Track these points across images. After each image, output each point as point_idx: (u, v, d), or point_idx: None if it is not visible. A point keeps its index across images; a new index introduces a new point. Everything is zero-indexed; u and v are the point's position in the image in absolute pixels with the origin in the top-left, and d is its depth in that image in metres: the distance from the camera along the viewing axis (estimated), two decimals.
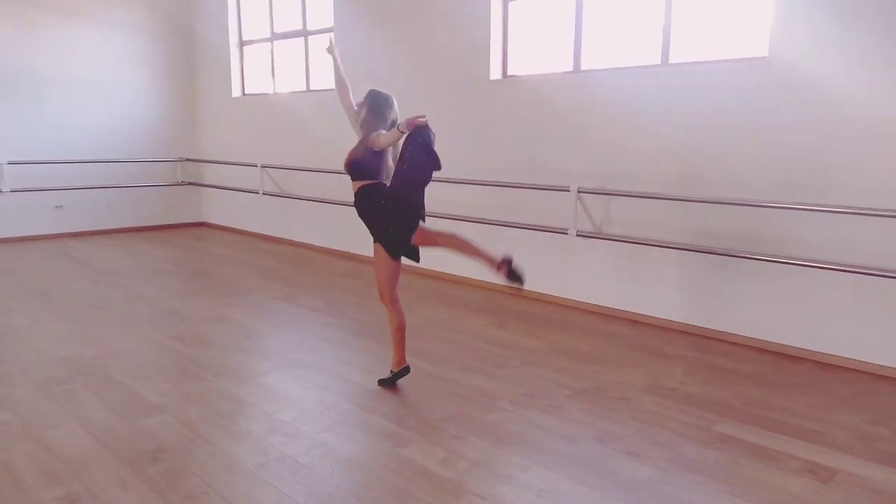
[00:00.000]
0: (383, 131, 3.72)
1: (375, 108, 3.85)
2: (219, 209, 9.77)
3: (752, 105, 4.41)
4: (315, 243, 7.97)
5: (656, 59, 4.95)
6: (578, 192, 5.18)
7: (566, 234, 5.31)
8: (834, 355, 4.20)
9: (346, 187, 7.41)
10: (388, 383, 3.80)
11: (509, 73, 5.94)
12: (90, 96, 8.85)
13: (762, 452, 3.05)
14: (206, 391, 3.73)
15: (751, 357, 4.34)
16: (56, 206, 8.78)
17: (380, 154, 3.75)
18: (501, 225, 5.86)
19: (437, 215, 6.31)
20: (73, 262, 7.22)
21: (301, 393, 3.71)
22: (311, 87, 8.03)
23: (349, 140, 7.50)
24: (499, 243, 5.85)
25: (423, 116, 3.62)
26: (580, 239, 5.32)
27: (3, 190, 8.24)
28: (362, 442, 3.17)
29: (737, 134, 4.49)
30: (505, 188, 5.80)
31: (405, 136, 3.62)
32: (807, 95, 4.17)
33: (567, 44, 5.45)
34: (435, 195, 6.42)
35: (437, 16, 6.25)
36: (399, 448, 3.05)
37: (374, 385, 3.80)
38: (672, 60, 4.88)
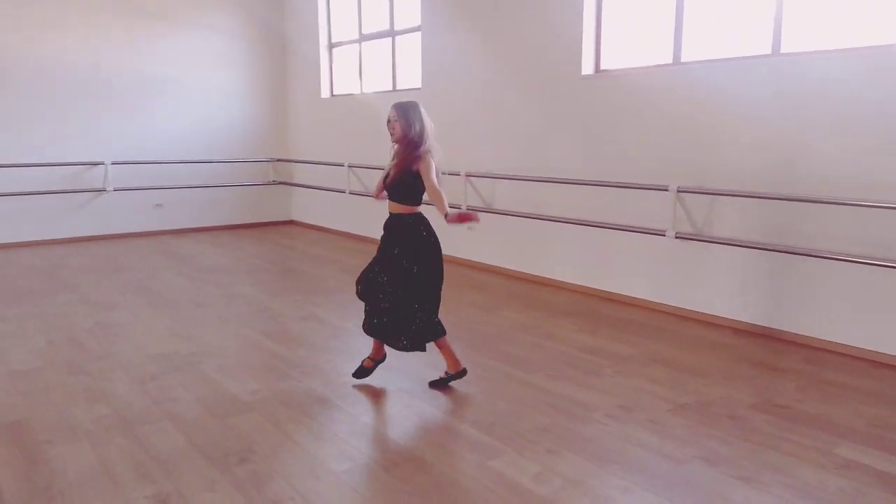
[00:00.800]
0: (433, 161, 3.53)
1: (411, 117, 3.67)
2: (307, 208, 9.95)
3: (874, 97, 4.00)
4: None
5: (766, 49, 4.59)
6: (678, 191, 4.87)
7: (664, 235, 5.02)
8: None
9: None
10: (441, 384, 3.71)
11: (602, 67, 5.69)
12: (188, 99, 9.19)
13: (891, 481, 2.73)
14: (294, 391, 3.71)
15: (867, 372, 3.94)
16: (156, 205, 9.17)
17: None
18: (595, 226, 5.62)
19: (526, 215, 6.15)
20: (173, 259, 7.49)
21: (387, 396, 3.64)
22: (398, 87, 8.01)
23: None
24: (594, 246, 5.68)
25: (477, 220, 3.39)
26: (679, 241, 5.01)
27: (108, 189, 8.67)
28: (451, 451, 3.05)
29: (858, 129, 4.09)
30: (598, 187, 5.56)
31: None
32: None
33: (666, 34, 5.15)
34: (525, 196, 6.30)
35: (526, 11, 6.07)
36: (489, 460, 2.91)
37: (464, 389, 3.68)
38: (784, 50, 4.51)
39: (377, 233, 3.94)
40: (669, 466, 2.86)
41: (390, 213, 3.74)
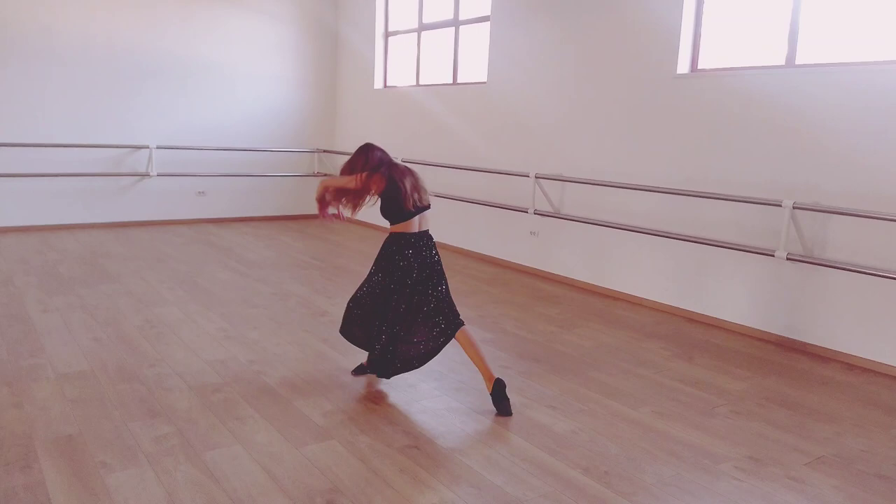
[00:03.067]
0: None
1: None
2: None
3: None
4: (454, 244, 7.54)
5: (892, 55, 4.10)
6: (794, 207, 4.39)
7: (772, 255, 4.54)
8: None
9: (486, 186, 6.98)
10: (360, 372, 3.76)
11: (700, 66, 5.22)
12: (236, 85, 8.84)
13: None
14: (370, 414, 3.31)
15: None
16: (198, 192, 8.84)
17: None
18: (685, 240, 5.15)
19: (603, 223, 5.69)
20: (216, 250, 7.14)
21: (475, 426, 3.22)
22: (459, 80, 7.58)
23: (493, 140, 7.01)
24: (683, 261, 5.19)
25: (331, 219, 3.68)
26: (790, 263, 4.53)
27: (151, 174, 8.34)
28: None
29: None
30: (689, 198, 5.09)
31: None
32: None
33: (780, 33, 4.67)
34: (600, 202, 5.84)
35: (613, 1, 5.60)
36: None
37: (562, 424, 3.25)
38: None
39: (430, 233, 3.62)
40: None
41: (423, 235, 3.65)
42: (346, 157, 3.70)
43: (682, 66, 5.21)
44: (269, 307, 5.11)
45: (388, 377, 3.62)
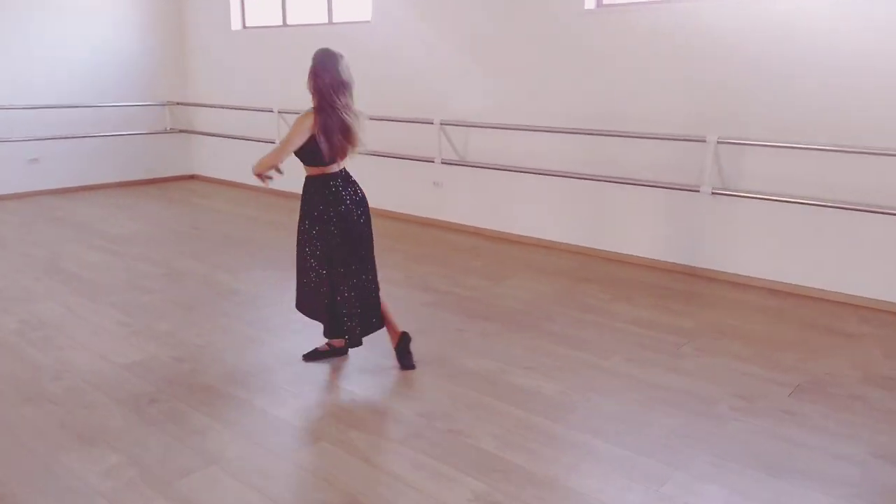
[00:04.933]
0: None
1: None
2: (211, 160, 8.65)
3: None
4: None
5: None
6: (718, 142, 4.49)
7: (698, 191, 4.65)
8: None
9: (378, 137, 6.55)
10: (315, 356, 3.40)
11: (605, 1, 5.13)
12: (68, 30, 7.53)
13: None
14: (349, 404, 2.97)
15: None
16: (30, 160, 7.53)
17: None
18: (600, 180, 5.15)
19: (504, 167, 5.54)
20: (69, 226, 6.14)
21: (465, 399, 2.98)
22: (335, 20, 6.97)
23: (381, 86, 6.51)
24: (608, 204, 5.17)
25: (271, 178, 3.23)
26: (707, 196, 4.66)
27: None
28: (608, 480, 2.49)
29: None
30: (611, 137, 5.06)
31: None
32: None
33: None
34: (502, 146, 5.67)
35: None
36: (660, 486, 2.39)
37: (543, 382, 3.11)
38: None
39: (297, 186, 3.29)
40: (857, 472, 2.50)
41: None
42: (202, 112, 3.19)
43: (589, 2, 5.10)
44: (167, 290, 4.45)
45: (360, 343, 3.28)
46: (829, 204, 4.20)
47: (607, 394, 3.07)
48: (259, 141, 7.61)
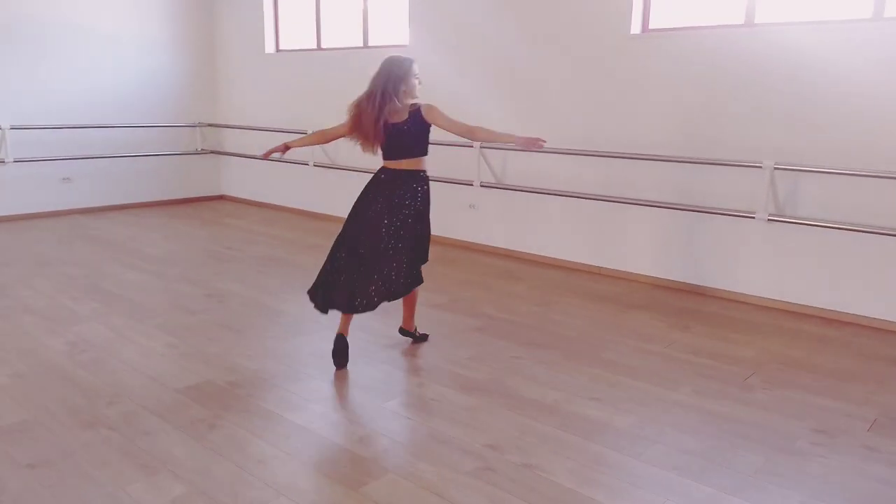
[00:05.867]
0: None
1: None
2: (240, 180, 8.65)
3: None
4: None
5: (867, 13, 4.19)
6: (775, 168, 4.41)
7: (753, 217, 4.56)
8: None
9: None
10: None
11: (651, 26, 5.09)
12: (100, 51, 7.59)
13: None
14: (410, 433, 2.87)
15: None
16: (63, 179, 7.54)
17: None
18: (649, 205, 5.07)
19: (562, 193, 5.46)
20: (105, 246, 6.11)
21: (530, 429, 2.88)
22: (371, 43, 6.98)
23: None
24: (650, 229, 4.89)
25: (544, 140, 3.38)
26: (770, 224, 4.56)
27: (6, 160, 6.98)
28: None
29: None
30: (672, 163, 4.99)
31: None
32: None
33: None
34: (540, 170, 5.55)
35: None
36: None
37: (612, 415, 3.00)
38: (888, 14, 4.13)
39: (335, 209, 3.29)
40: None
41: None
42: (233, 131, 3.26)
43: (635, 27, 5.06)
44: (211, 311, 4.39)
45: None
46: (885, 231, 4.11)
47: (682, 428, 2.96)
48: (290, 162, 7.60)
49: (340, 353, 3.50)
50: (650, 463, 2.67)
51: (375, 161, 3.65)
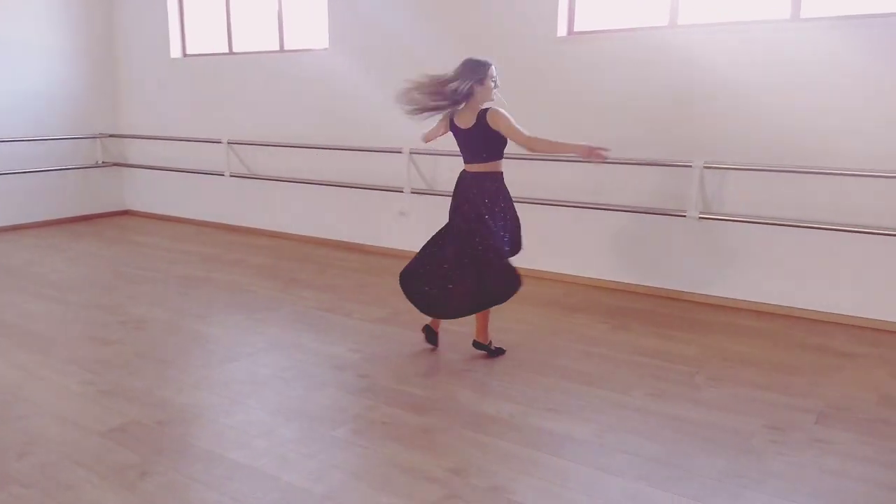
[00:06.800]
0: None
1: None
2: (149, 194, 8.12)
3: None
4: (301, 233, 6.75)
5: (785, 14, 4.34)
6: (704, 167, 4.49)
7: (684, 216, 4.63)
8: None
9: (336, 166, 6.29)
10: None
11: (577, 29, 5.10)
12: None
13: None
14: (367, 464, 2.69)
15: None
16: None
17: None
18: (582, 207, 5.07)
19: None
20: (1, 272, 5.56)
21: (532, 467, 2.77)
22: (287, 47, 6.70)
23: (346, 112, 6.27)
24: (585, 230, 4.94)
25: (608, 150, 3.39)
26: (701, 222, 4.63)
27: None
28: None
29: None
30: (590, 164, 4.99)
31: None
32: None
33: None
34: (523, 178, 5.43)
35: None
36: None
37: (575, 426, 2.94)
38: (804, 15, 4.29)
39: (255, 221, 3.12)
40: None
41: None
42: (137, 142, 3.01)
43: (561, 30, 5.06)
44: (129, 341, 4.04)
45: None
46: (806, 224, 4.27)
47: (642, 434, 2.92)
48: (204, 173, 7.22)
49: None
50: (616, 474, 2.61)
51: (296, 171, 3.43)
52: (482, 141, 3.48)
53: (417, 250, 3.84)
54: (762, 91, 4.34)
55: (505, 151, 3.62)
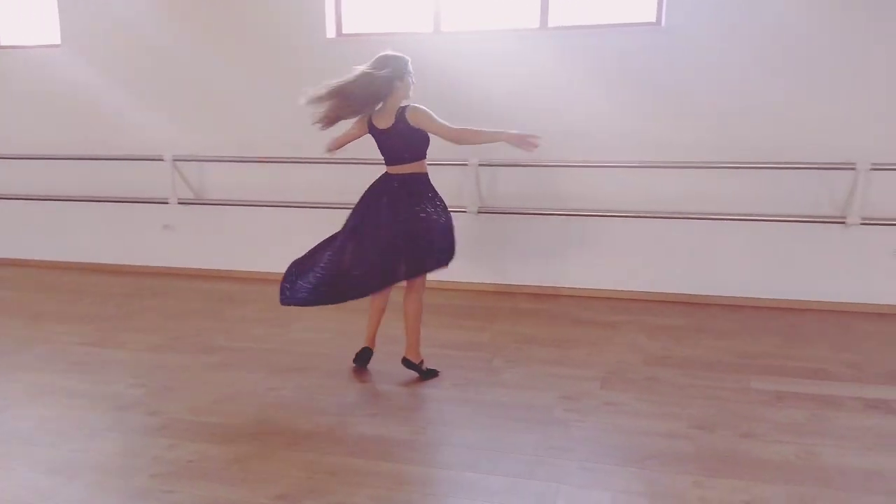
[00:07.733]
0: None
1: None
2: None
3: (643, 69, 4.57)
4: (45, 258, 5.86)
5: (534, 23, 4.76)
6: (479, 165, 4.77)
7: (465, 211, 4.86)
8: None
9: (75, 178, 5.56)
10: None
11: (345, 31, 5.09)
12: None
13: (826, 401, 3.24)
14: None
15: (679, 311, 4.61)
16: None
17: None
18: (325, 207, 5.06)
19: (268, 203, 5.17)
20: None
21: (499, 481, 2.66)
22: (4, 43, 5.75)
23: (91, 117, 5.59)
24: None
25: (538, 137, 3.24)
26: (478, 216, 4.91)
27: None
28: None
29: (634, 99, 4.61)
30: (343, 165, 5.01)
31: None
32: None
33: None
34: (250, 181, 5.15)
35: None
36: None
37: (416, 436, 2.95)
38: (552, 24, 4.75)
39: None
40: (691, 446, 2.83)
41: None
42: None
43: (330, 31, 5.01)
44: (18, 405, 3.17)
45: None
46: (564, 212, 4.80)
47: (459, 424, 3.02)
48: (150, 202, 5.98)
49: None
50: (446, 468, 2.67)
51: (34, 187, 2.99)
52: (404, 141, 3.28)
53: (188, 266, 3.51)
54: (511, 91, 4.73)
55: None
